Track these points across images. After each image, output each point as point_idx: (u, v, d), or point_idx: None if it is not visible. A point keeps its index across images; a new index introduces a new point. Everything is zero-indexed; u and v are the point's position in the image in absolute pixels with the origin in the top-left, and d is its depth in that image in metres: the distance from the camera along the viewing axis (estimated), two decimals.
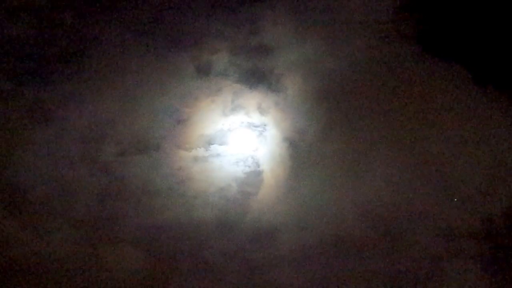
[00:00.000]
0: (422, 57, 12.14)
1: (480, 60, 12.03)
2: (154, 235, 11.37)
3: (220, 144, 12.16)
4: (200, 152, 12.08)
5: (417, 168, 11.67)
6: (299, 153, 11.96)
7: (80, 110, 11.77)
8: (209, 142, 12.10)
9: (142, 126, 11.89)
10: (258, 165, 12.16)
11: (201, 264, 11.25)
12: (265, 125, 12.24)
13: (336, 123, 11.99)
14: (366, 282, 11.20)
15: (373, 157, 11.78)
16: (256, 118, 12.24)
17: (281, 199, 11.78)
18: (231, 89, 12.23)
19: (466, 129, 11.83)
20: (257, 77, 12.18)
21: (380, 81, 12.11)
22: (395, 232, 11.45)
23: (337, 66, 12.11)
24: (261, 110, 12.22)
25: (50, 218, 11.29)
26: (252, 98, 12.25)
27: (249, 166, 12.14)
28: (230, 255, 11.31)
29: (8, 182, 11.33)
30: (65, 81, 11.81)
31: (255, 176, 12.08)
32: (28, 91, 11.69)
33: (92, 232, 11.27)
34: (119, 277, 11.02)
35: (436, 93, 12.05)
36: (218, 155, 12.09)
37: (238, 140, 12.29)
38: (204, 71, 12.13)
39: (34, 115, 11.63)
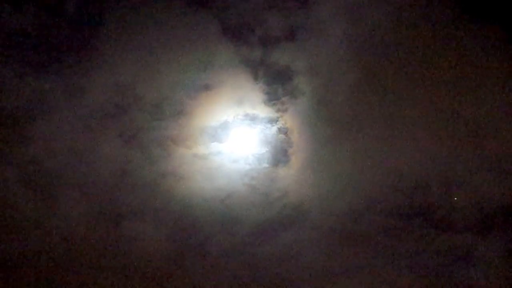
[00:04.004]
0: (461, 18, 11.46)
1: None
2: (174, 216, 11.26)
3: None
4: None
5: (453, 136, 11.32)
6: (329, 113, 11.57)
7: (100, 81, 11.34)
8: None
9: (161, 95, 11.49)
10: (286, 129, 11.88)
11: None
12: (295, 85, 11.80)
13: (369, 84, 11.54)
14: (396, 261, 11.07)
15: (408, 122, 11.41)
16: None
17: (309, 172, 11.53)
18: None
19: (507, 96, 11.27)
20: (293, 29, 11.66)
21: (418, 42, 11.51)
22: (428, 205, 11.26)
23: (376, 22, 11.50)
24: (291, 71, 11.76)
25: (66, 189, 11.04)
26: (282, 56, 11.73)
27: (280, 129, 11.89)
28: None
29: (25, 154, 11.00)
30: (85, 50, 11.42)
31: (284, 139, 11.86)
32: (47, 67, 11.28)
33: (111, 206, 11.08)
34: (141, 254, 10.94)
35: (475, 56, 11.49)
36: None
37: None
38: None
39: (54, 86, 11.22)
